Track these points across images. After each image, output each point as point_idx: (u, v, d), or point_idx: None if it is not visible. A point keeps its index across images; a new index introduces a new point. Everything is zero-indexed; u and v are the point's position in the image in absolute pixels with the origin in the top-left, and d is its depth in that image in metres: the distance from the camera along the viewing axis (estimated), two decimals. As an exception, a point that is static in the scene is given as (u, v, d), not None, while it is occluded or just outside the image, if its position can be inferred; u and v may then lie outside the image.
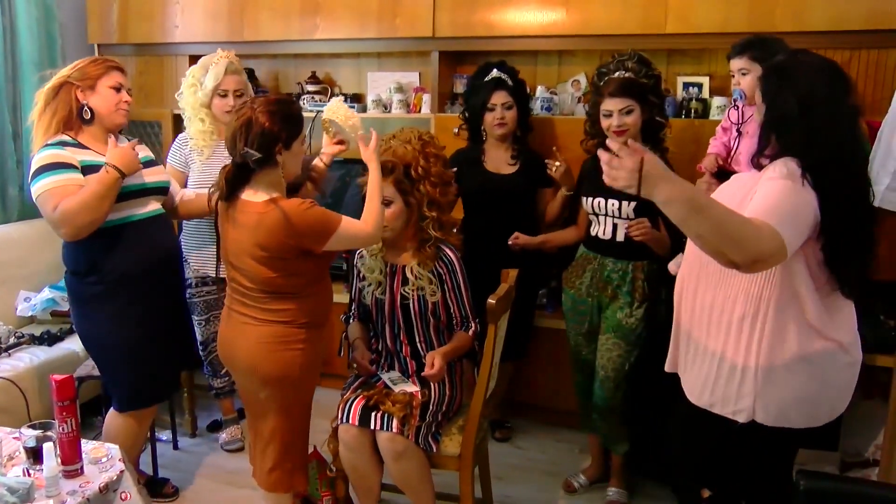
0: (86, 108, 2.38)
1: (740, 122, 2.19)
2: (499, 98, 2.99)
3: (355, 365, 2.48)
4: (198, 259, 3.05)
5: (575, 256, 2.83)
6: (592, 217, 2.71)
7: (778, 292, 1.73)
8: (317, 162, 2.58)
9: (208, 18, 3.85)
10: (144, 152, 2.55)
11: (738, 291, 1.78)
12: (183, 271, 2.82)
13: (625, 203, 2.58)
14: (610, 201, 2.61)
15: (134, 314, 2.42)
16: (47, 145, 2.33)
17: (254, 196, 2.10)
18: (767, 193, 1.67)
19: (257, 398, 2.22)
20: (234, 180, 2.11)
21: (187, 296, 3.06)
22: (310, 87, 3.82)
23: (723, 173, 2.34)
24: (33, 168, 2.30)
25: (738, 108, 2.22)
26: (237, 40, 3.78)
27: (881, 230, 2.79)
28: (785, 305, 1.74)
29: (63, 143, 2.34)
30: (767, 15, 2.89)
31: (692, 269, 1.91)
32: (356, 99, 3.82)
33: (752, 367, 1.78)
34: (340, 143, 2.57)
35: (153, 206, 2.50)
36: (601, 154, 1.51)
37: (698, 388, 1.91)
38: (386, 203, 2.33)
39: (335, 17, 3.58)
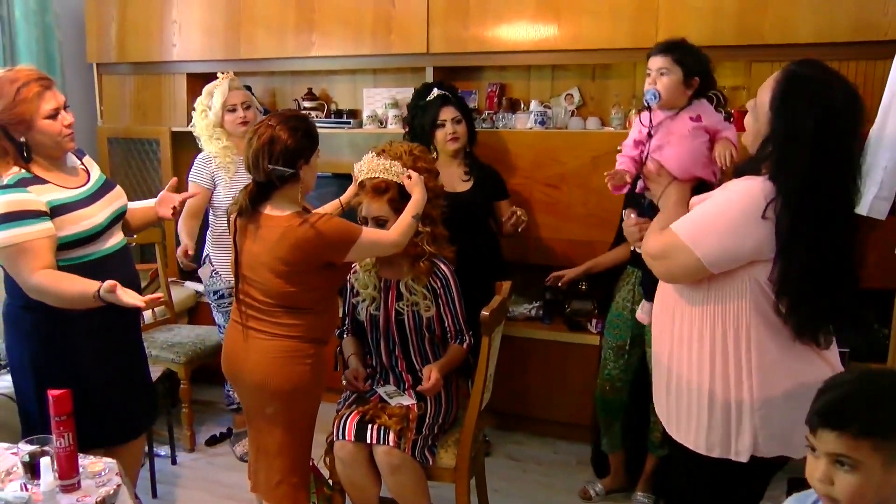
0: (24, 147, 2.09)
1: (651, 125, 1.99)
2: (448, 114, 3.00)
3: (345, 383, 2.50)
4: (229, 270, 2.93)
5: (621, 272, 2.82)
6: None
7: (756, 317, 1.64)
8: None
9: (205, 36, 3.89)
10: (96, 170, 2.35)
11: (716, 322, 1.68)
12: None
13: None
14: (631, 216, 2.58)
15: (92, 349, 2.22)
16: (5, 187, 2.05)
17: (277, 211, 2.14)
18: (708, 205, 1.67)
19: (263, 413, 2.22)
20: (256, 198, 2.15)
21: (222, 307, 3.14)
22: (306, 104, 3.86)
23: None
24: None
25: (649, 110, 2.02)
26: (234, 58, 3.82)
27: (870, 238, 2.83)
28: (767, 329, 1.64)
29: (23, 182, 2.07)
30: (756, 28, 2.93)
31: (666, 306, 1.82)
32: (352, 115, 3.86)
33: (748, 403, 1.66)
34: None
35: (116, 239, 2.30)
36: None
37: (693, 434, 1.76)
38: (381, 222, 2.36)
39: (330, 34, 3.63)
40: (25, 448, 1.87)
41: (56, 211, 2.11)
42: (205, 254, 3.23)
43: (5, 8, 3.65)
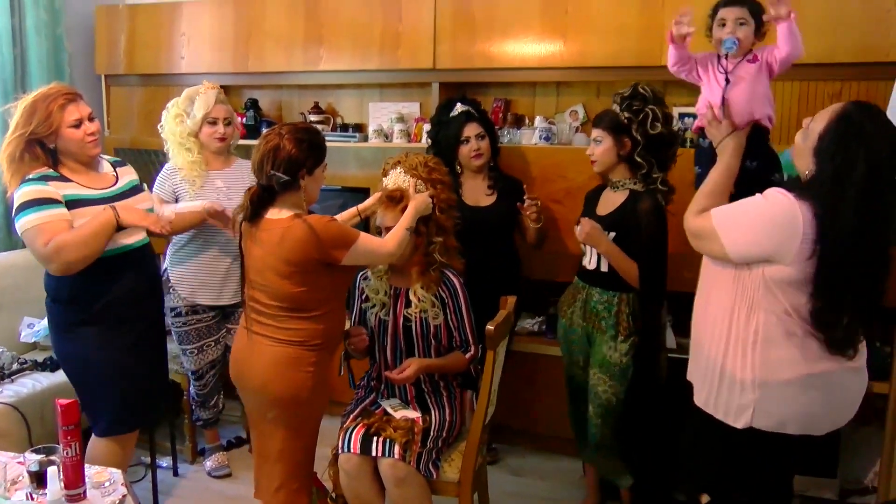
0: (53, 151, 2.39)
1: (727, 70, 2.17)
2: (471, 130, 3.02)
3: (351, 347, 2.51)
4: (187, 287, 3.04)
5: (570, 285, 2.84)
6: (582, 246, 2.72)
7: (764, 307, 1.83)
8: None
9: (214, 50, 3.93)
10: (130, 176, 2.59)
11: (735, 304, 1.87)
12: (163, 300, 2.82)
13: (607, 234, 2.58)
14: (585, 218, 2.62)
15: (115, 339, 2.44)
16: (29, 180, 2.32)
17: (278, 214, 2.19)
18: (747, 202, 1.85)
19: (265, 418, 2.25)
20: (259, 202, 2.20)
21: (176, 325, 3.09)
22: (312, 117, 3.88)
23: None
24: (17, 203, 2.30)
25: (725, 58, 2.18)
26: (242, 71, 3.86)
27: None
28: (774, 321, 1.82)
29: (46, 178, 2.34)
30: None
31: (704, 280, 2.02)
32: (358, 129, 3.88)
33: (749, 381, 1.85)
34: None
35: (139, 236, 2.52)
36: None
37: (704, 394, 1.98)
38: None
39: (338, 49, 3.66)
40: (32, 457, 1.88)
41: (70, 204, 2.34)
42: (163, 268, 3.13)
43: (17, 20, 3.69)
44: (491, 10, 3.35)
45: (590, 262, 2.68)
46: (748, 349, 1.85)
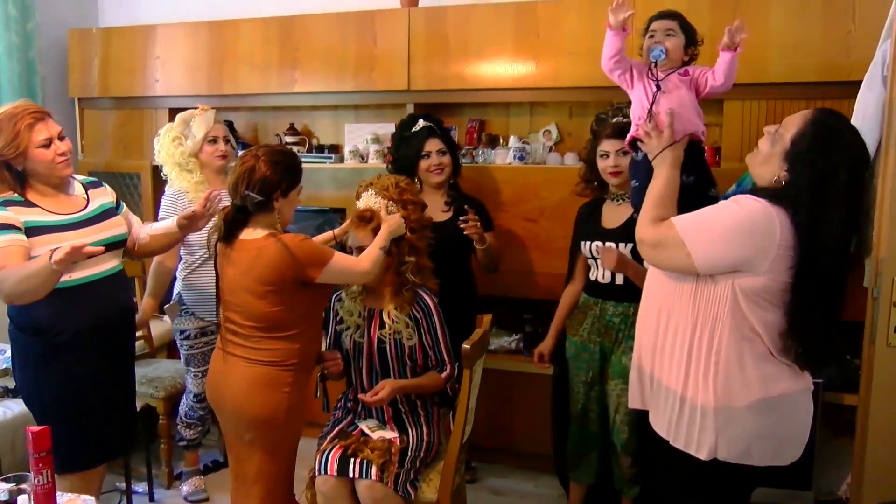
0: (21, 175, 2.28)
1: (657, 77, 2.13)
2: (433, 145, 3.02)
3: (326, 370, 2.49)
4: (206, 308, 3.02)
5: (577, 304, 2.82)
6: (591, 262, 2.71)
7: (730, 326, 1.75)
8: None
9: (188, 72, 3.93)
10: (103, 199, 2.48)
11: (696, 322, 1.79)
12: (134, 328, 2.69)
13: (622, 245, 2.58)
14: (607, 244, 2.61)
15: (78, 372, 2.32)
16: None
17: (252, 234, 2.20)
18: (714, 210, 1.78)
19: (242, 440, 2.23)
20: (233, 222, 2.21)
21: (185, 348, 3.08)
22: (288, 139, 3.90)
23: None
24: None
25: (655, 66, 2.15)
26: (216, 93, 3.86)
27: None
28: (740, 340, 1.75)
29: (6, 203, 2.25)
30: (727, 68, 3.02)
31: (653, 301, 1.94)
32: (334, 150, 3.90)
33: (711, 407, 1.77)
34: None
35: (110, 264, 2.42)
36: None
37: (665, 423, 1.90)
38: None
39: (313, 71, 3.68)
40: (2, 486, 1.85)
41: (31, 232, 2.24)
42: (175, 291, 3.14)
43: (-12, 43, 3.68)
44: (464, 33, 3.40)
45: (602, 276, 2.67)
46: (710, 373, 1.76)
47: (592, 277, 2.73)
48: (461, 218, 2.81)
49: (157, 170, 3.98)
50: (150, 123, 4.08)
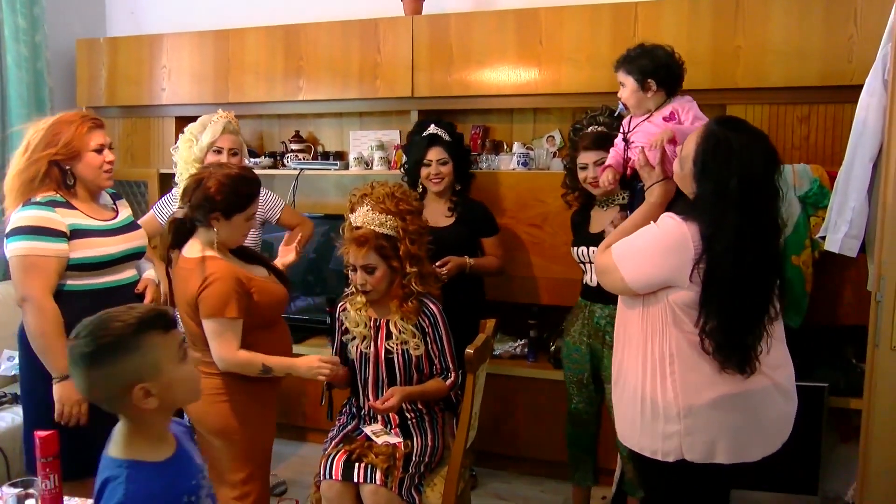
0: (69, 173, 2.31)
1: (626, 131, 2.25)
2: (434, 154, 3.03)
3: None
4: None
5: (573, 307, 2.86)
6: (581, 265, 2.76)
7: (676, 334, 1.81)
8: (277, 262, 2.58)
9: (194, 81, 3.97)
10: (126, 211, 2.54)
11: (647, 334, 1.86)
12: None
13: None
14: (592, 249, 2.61)
15: None
16: (35, 203, 2.23)
17: (190, 251, 2.21)
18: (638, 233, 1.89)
19: (213, 446, 2.24)
20: (177, 231, 2.23)
21: None
22: (293, 146, 3.92)
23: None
24: (14, 224, 2.22)
25: (627, 117, 2.30)
26: (222, 102, 3.88)
27: (845, 277, 2.91)
28: (689, 346, 1.80)
29: (53, 203, 2.25)
30: (729, 73, 3.04)
31: (619, 322, 2.01)
32: (338, 157, 3.93)
33: (674, 409, 1.82)
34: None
35: (128, 273, 2.45)
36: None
37: (628, 430, 1.95)
38: (370, 270, 2.41)
39: (318, 79, 3.71)
40: (10, 491, 1.86)
41: (75, 233, 2.27)
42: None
43: (-3, 54, 3.72)
44: (467, 40, 3.42)
45: (591, 279, 2.70)
46: (667, 376, 1.82)
47: (584, 281, 2.78)
48: (437, 264, 2.81)
49: (164, 178, 4.04)
50: (156, 132, 4.13)
